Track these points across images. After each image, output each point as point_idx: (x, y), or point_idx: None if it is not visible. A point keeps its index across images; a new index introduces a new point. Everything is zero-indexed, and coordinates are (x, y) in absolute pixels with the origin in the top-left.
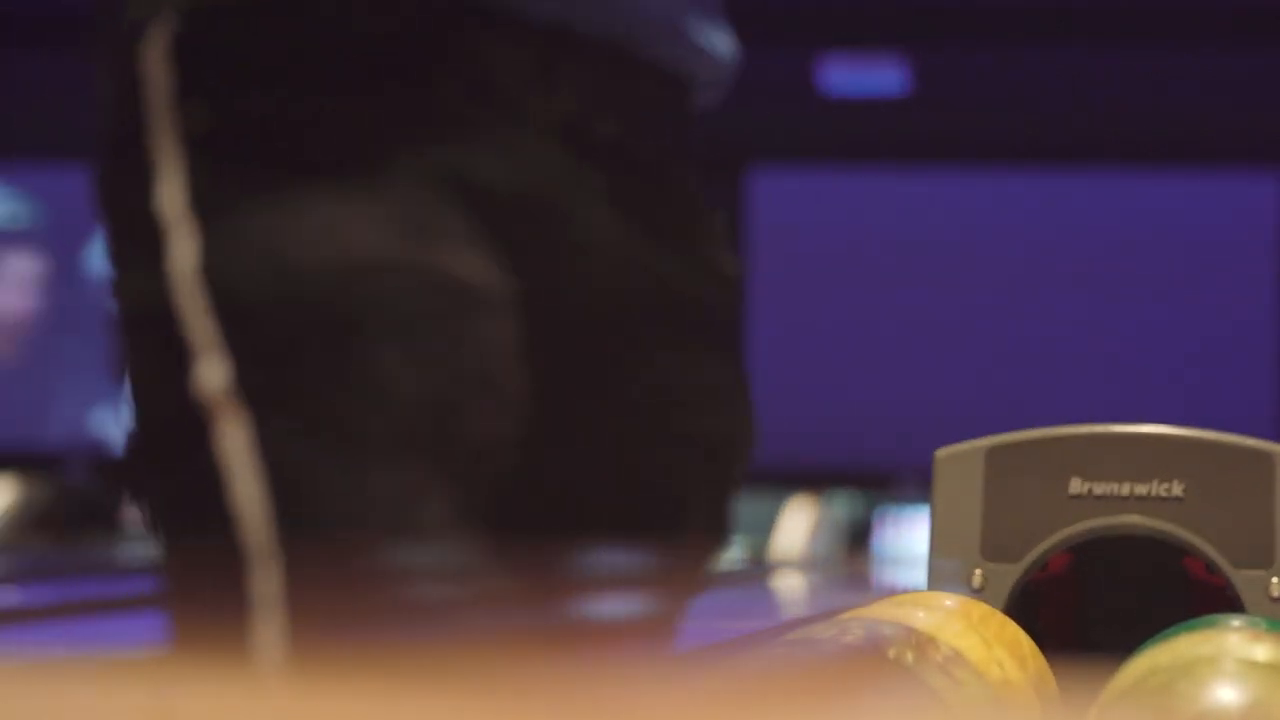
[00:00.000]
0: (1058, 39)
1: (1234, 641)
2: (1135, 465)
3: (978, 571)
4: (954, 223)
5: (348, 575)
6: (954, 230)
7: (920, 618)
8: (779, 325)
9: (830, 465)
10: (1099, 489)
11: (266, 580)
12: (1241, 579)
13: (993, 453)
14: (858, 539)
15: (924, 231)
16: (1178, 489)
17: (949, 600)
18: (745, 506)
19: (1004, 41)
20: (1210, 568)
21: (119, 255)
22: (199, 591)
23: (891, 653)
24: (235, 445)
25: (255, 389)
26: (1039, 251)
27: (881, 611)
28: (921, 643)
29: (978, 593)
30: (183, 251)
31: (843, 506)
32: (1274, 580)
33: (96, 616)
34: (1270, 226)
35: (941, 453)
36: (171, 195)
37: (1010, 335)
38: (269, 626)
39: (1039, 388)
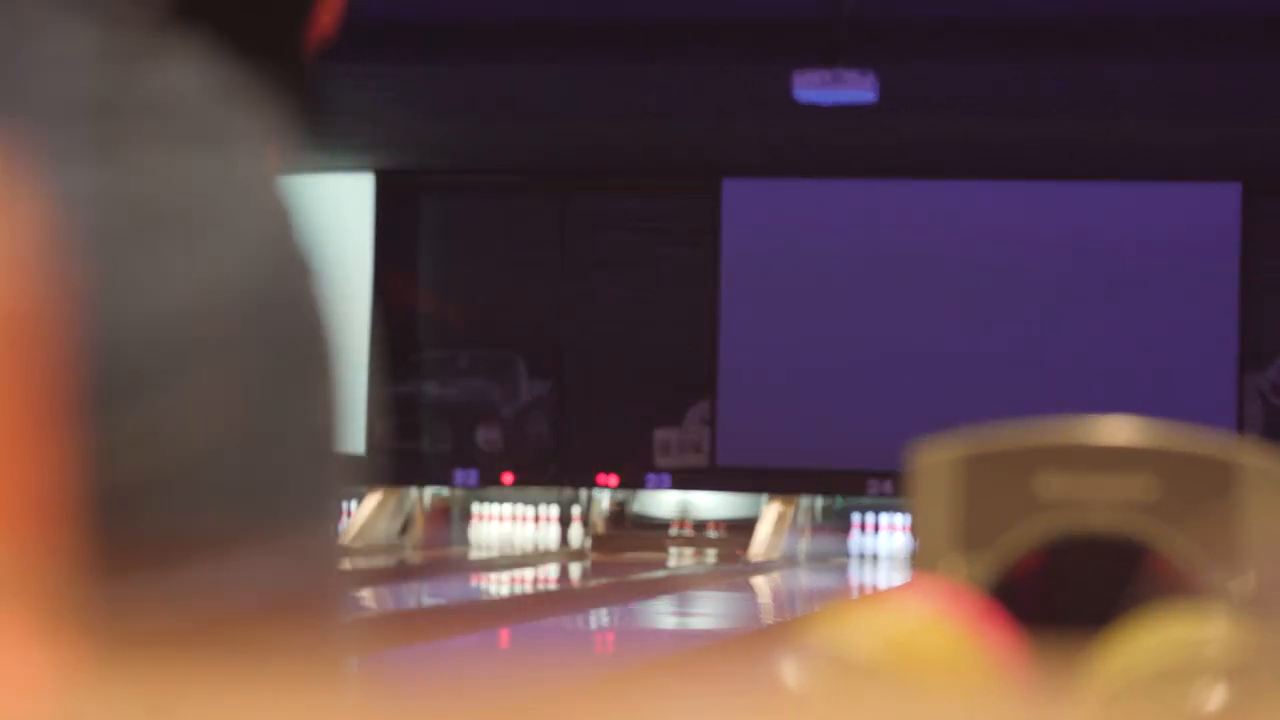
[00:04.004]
0: (1027, 53)
1: (1201, 637)
2: (1106, 465)
3: (952, 566)
4: (924, 229)
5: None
6: (924, 236)
7: (896, 615)
8: (753, 330)
9: (805, 466)
10: (1071, 488)
11: None
12: (1208, 577)
13: (968, 449)
14: (832, 538)
15: (895, 238)
16: (1147, 489)
17: (925, 596)
18: (726, 506)
19: (971, 55)
20: (1178, 566)
21: None
22: None
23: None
24: None
25: None
26: (1006, 257)
27: (856, 609)
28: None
29: (953, 587)
30: None
31: (818, 507)
32: (1240, 578)
33: None
34: (1234, 234)
35: (917, 450)
36: None
37: (979, 338)
38: None
39: (1007, 389)
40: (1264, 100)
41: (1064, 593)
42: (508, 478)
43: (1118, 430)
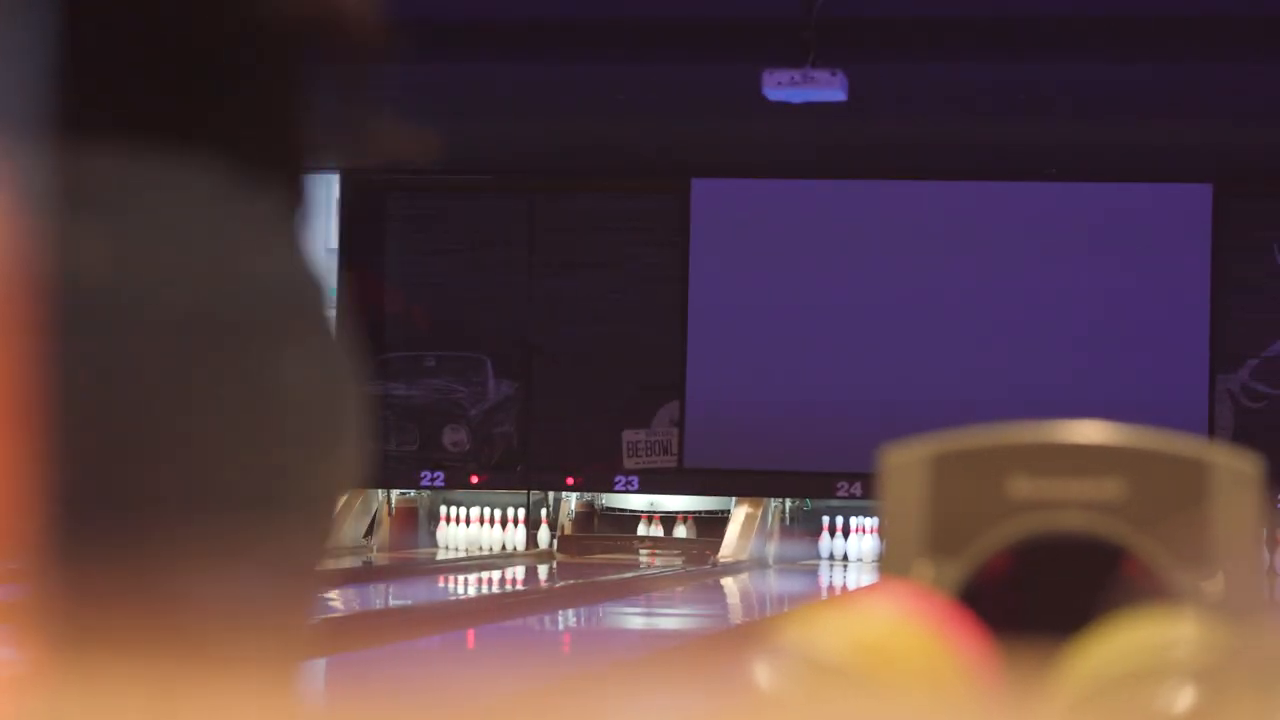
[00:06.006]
0: (993, 53)
1: (1171, 638)
2: (1076, 467)
3: (923, 568)
4: (895, 230)
5: None
6: (895, 238)
7: (865, 617)
8: (722, 330)
9: (774, 468)
10: (1041, 490)
11: None
12: (1178, 579)
13: (938, 452)
14: (801, 540)
15: (865, 238)
16: (1118, 491)
17: (895, 597)
18: (695, 500)
19: (941, 54)
20: (1148, 568)
21: None
22: None
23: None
24: None
25: None
26: (978, 259)
27: (826, 612)
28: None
29: (922, 590)
30: None
31: (787, 509)
32: (1210, 579)
33: None
34: (1205, 235)
35: (888, 452)
36: None
37: (950, 341)
38: None
39: (977, 392)
40: (1234, 102)
41: (1033, 595)
42: (475, 479)
43: (1088, 432)
